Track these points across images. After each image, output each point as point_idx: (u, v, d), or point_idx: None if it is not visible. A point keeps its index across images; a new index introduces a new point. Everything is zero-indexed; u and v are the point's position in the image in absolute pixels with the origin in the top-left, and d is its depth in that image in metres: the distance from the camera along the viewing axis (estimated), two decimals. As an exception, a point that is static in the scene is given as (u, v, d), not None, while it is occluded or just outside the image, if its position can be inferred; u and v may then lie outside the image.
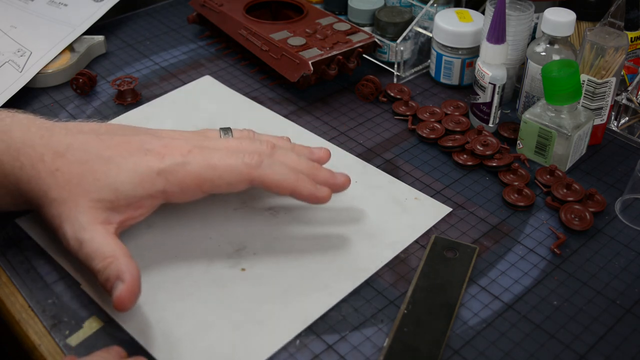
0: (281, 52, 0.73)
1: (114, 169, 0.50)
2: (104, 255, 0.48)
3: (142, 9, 0.93)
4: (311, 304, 0.51)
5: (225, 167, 0.51)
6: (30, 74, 0.74)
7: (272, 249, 0.56)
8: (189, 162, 0.51)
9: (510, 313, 0.51)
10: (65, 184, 0.50)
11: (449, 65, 0.75)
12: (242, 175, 0.52)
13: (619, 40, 0.63)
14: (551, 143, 0.64)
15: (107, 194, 0.50)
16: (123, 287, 0.47)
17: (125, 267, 0.47)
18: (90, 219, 0.49)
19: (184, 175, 0.51)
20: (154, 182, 0.50)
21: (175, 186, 0.51)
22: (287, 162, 0.54)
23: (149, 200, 0.51)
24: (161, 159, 0.51)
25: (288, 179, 0.53)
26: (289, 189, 0.53)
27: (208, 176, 0.51)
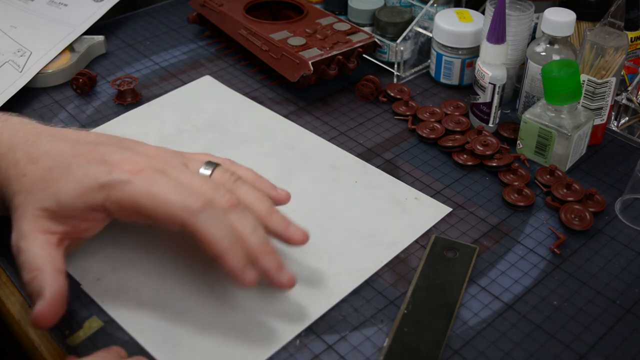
0: (281, 52, 0.73)
1: (63, 179, 0.49)
2: (32, 267, 0.46)
3: (142, 9, 0.93)
4: (311, 304, 0.51)
5: (163, 200, 0.46)
6: (30, 74, 0.74)
7: (272, 249, 0.56)
8: (132, 182, 0.47)
9: (510, 313, 0.51)
10: (24, 191, 0.49)
11: (449, 65, 0.75)
12: (176, 216, 0.46)
13: (619, 40, 0.63)
14: (551, 143, 0.64)
15: (51, 203, 0.48)
16: (41, 304, 0.45)
17: (48, 283, 0.45)
18: (32, 228, 0.48)
19: (122, 195, 0.47)
20: (94, 196, 0.48)
21: (113, 204, 0.48)
22: (236, 226, 0.47)
23: (92, 214, 0.49)
24: (108, 172, 0.48)
25: (221, 242, 0.46)
26: (216, 252, 0.46)
27: (143, 203, 0.47)
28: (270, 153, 0.66)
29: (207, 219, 0.46)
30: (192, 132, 0.69)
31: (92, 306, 0.51)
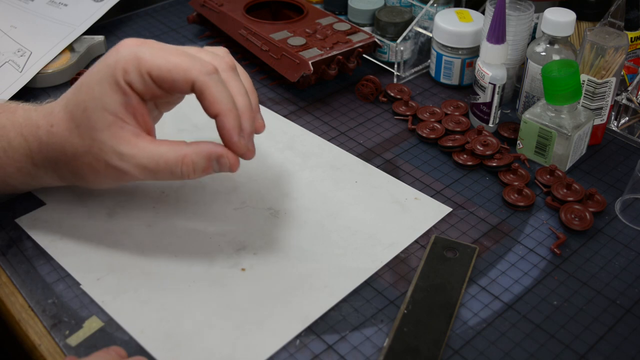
0: (281, 52, 0.73)
1: (87, 90, 0.50)
2: (176, 160, 0.49)
3: (142, 9, 0.93)
4: (311, 304, 0.51)
5: (176, 62, 0.49)
6: (30, 74, 0.74)
7: (272, 249, 0.56)
8: (140, 50, 0.50)
9: (510, 313, 0.51)
10: (68, 134, 0.50)
11: (449, 65, 0.75)
12: (189, 76, 0.49)
13: (619, 40, 0.63)
14: (551, 143, 0.64)
15: (105, 117, 0.49)
16: (227, 160, 0.50)
17: (205, 149, 0.49)
18: (126, 144, 0.49)
19: (136, 61, 0.50)
20: (115, 75, 0.50)
21: (132, 74, 0.50)
22: (232, 87, 0.52)
23: (130, 99, 0.50)
24: (116, 52, 0.50)
25: (223, 102, 0.50)
26: (218, 110, 0.50)
27: (158, 64, 0.49)
28: (270, 153, 0.66)
29: (214, 81, 0.50)
30: (192, 131, 0.69)
31: (92, 306, 0.51)
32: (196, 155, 0.49)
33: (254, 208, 0.60)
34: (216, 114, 0.50)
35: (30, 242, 0.56)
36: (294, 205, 0.60)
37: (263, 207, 0.60)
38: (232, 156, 0.50)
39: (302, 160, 0.66)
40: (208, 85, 0.49)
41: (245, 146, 0.51)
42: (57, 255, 0.55)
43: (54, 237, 0.56)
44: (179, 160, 0.49)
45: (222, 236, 0.57)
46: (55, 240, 0.56)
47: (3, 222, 0.58)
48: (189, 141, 0.51)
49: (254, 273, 0.54)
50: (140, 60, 0.49)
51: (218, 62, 0.52)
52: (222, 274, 0.54)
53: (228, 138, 0.50)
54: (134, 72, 0.49)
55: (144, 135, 0.50)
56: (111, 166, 0.50)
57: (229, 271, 0.54)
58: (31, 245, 0.56)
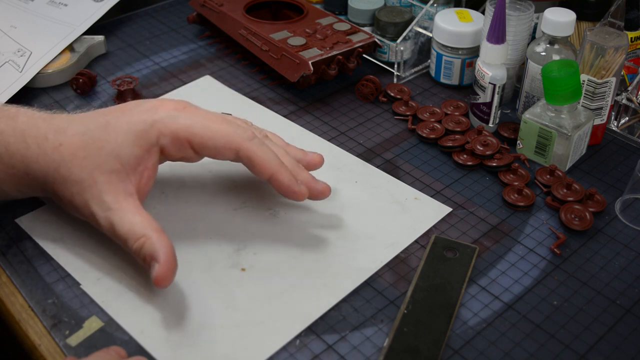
0: (281, 52, 0.73)
1: (112, 133, 0.51)
2: (136, 235, 0.49)
3: (142, 9, 0.93)
4: (311, 304, 0.51)
5: (217, 129, 0.52)
6: (30, 74, 0.74)
7: (272, 249, 0.56)
8: (182, 116, 0.52)
9: (510, 313, 0.51)
10: (72, 159, 0.51)
11: (449, 65, 0.75)
12: (232, 143, 0.52)
13: (619, 40, 0.63)
14: (551, 143, 0.64)
15: (114, 162, 0.50)
16: (158, 267, 0.48)
17: (158, 246, 0.48)
18: (114, 196, 0.50)
19: (176, 127, 0.51)
20: (148, 135, 0.51)
21: (167, 138, 0.51)
22: (274, 151, 0.54)
23: (149, 158, 0.52)
24: (155, 111, 0.52)
25: (272, 162, 0.53)
26: (270, 172, 0.53)
27: (198, 132, 0.51)
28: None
29: (257, 145, 0.52)
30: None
31: (92, 306, 0.51)
32: (151, 244, 0.49)
33: (254, 208, 0.60)
34: (270, 175, 0.53)
35: (30, 242, 0.56)
36: (294, 205, 0.60)
37: (263, 207, 0.60)
38: (162, 270, 0.48)
39: (302, 160, 0.66)
40: (254, 150, 0.52)
41: (309, 184, 0.54)
42: (57, 255, 0.55)
43: (54, 237, 0.56)
44: (138, 235, 0.49)
45: (222, 236, 0.57)
46: (55, 240, 0.56)
47: (3, 222, 0.58)
48: None
49: (254, 273, 0.54)
50: (181, 127, 0.51)
51: (254, 130, 0.55)
52: (222, 274, 0.54)
53: (290, 192, 0.53)
54: (170, 137, 0.51)
55: (134, 198, 0.51)
56: (87, 207, 0.51)
57: (229, 271, 0.54)
58: (31, 245, 0.56)
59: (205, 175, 0.63)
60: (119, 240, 0.50)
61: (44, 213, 0.58)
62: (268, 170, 0.53)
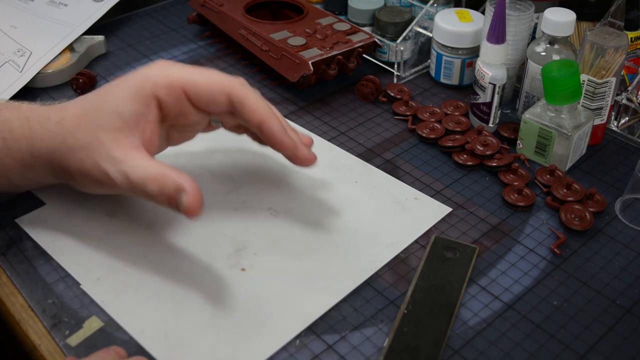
0: (281, 52, 0.73)
1: (110, 94, 0.52)
2: (153, 176, 0.49)
3: (142, 9, 0.93)
4: (311, 304, 0.51)
5: (211, 76, 0.52)
6: (30, 74, 0.74)
7: (273, 249, 0.56)
8: (175, 67, 0.52)
9: (510, 313, 0.51)
10: (75, 127, 0.51)
11: (449, 65, 0.75)
12: (224, 87, 0.52)
13: (619, 40, 0.63)
14: (551, 143, 0.64)
15: (116, 120, 0.50)
16: (187, 197, 0.48)
17: (179, 178, 0.48)
18: (122, 150, 0.50)
19: (170, 76, 0.51)
20: (144, 88, 0.51)
21: (162, 88, 0.51)
22: None
23: (149, 112, 0.51)
24: (148, 68, 0.52)
25: (264, 109, 0.52)
26: (261, 117, 0.52)
27: (192, 79, 0.51)
28: (270, 153, 0.66)
29: (250, 91, 0.52)
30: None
31: (92, 306, 0.51)
32: (169, 179, 0.48)
33: (254, 208, 0.60)
34: (260, 120, 0.52)
35: (30, 242, 0.56)
36: (294, 205, 0.60)
37: (263, 207, 0.60)
38: (193, 198, 0.48)
39: (302, 160, 0.66)
40: (246, 94, 0.51)
41: (298, 143, 0.53)
42: (57, 255, 0.55)
43: (54, 237, 0.56)
44: (154, 177, 0.49)
45: (223, 236, 0.57)
46: (55, 240, 0.56)
47: (3, 222, 0.58)
48: None
49: (254, 273, 0.54)
50: (174, 77, 0.51)
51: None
52: (222, 274, 0.54)
53: (278, 140, 0.52)
54: (165, 87, 0.51)
55: (141, 149, 0.51)
56: (98, 167, 0.50)
57: (229, 271, 0.54)
58: (31, 245, 0.56)
59: (205, 175, 0.63)
60: (137, 189, 0.50)
61: (44, 213, 0.58)
62: (259, 115, 0.52)
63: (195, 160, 0.65)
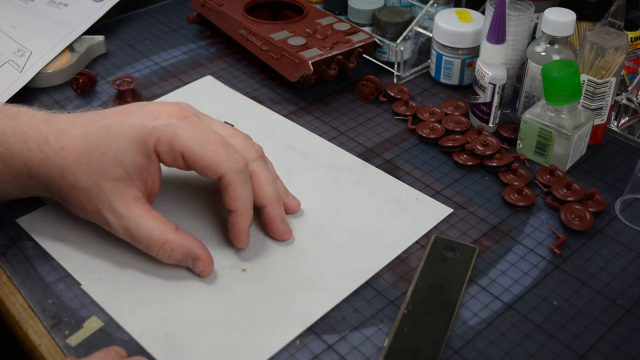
0: (281, 52, 0.73)
1: (113, 138, 0.51)
2: (158, 242, 0.51)
3: (142, 9, 0.93)
4: (311, 305, 0.51)
5: (211, 150, 0.51)
6: (30, 74, 0.74)
7: (273, 249, 0.56)
8: (182, 126, 0.51)
9: (510, 313, 0.51)
10: (76, 165, 0.51)
11: (449, 65, 0.75)
12: (219, 171, 0.52)
13: (619, 40, 0.63)
14: (551, 143, 0.64)
15: (118, 169, 0.51)
16: (202, 263, 0.52)
17: (188, 245, 0.52)
18: (124, 204, 0.51)
19: (173, 137, 0.51)
20: (147, 141, 0.51)
21: (164, 146, 0.51)
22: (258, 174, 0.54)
23: (151, 164, 0.52)
24: (155, 117, 0.51)
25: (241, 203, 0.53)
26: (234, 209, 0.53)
27: (193, 148, 0.51)
28: (270, 153, 0.66)
29: (241, 180, 0.52)
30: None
31: (92, 306, 0.51)
32: (177, 246, 0.52)
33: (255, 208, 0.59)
34: (233, 210, 0.53)
35: (31, 242, 0.56)
36: (294, 205, 0.60)
37: (263, 207, 0.60)
38: (208, 262, 0.52)
39: (302, 160, 0.66)
40: (235, 184, 0.52)
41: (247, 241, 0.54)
42: (58, 255, 0.55)
43: (55, 237, 0.56)
44: (159, 243, 0.51)
45: (223, 236, 0.57)
46: (55, 241, 0.56)
47: (3, 222, 0.58)
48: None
49: (255, 273, 0.54)
50: (177, 139, 0.51)
51: (249, 151, 0.55)
52: (223, 274, 0.54)
53: (237, 235, 0.54)
54: (167, 147, 0.51)
55: (143, 201, 0.52)
56: (100, 214, 0.51)
57: (230, 271, 0.54)
58: (31, 245, 0.56)
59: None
60: (140, 246, 0.52)
61: (44, 213, 0.58)
62: (235, 205, 0.53)
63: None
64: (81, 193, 0.51)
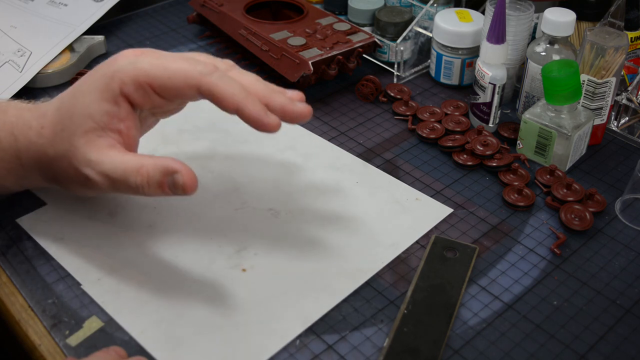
0: (281, 52, 0.73)
1: (79, 96, 0.50)
2: (133, 168, 0.48)
3: (142, 9, 0.93)
4: (312, 305, 0.51)
5: (176, 68, 0.49)
6: (30, 74, 0.74)
7: (273, 249, 0.56)
8: (140, 61, 0.50)
9: (510, 313, 0.51)
10: (53, 137, 0.51)
11: (449, 65, 0.75)
12: (191, 79, 0.49)
13: (619, 40, 0.63)
14: (551, 143, 0.64)
15: (87, 122, 0.50)
16: (181, 175, 0.47)
17: (164, 161, 0.47)
18: (97, 152, 0.49)
19: (135, 72, 0.49)
20: (111, 86, 0.49)
21: (129, 86, 0.49)
22: (241, 81, 0.50)
23: (120, 109, 0.50)
24: (114, 62, 0.50)
25: (236, 95, 0.48)
26: (235, 104, 0.48)
27: (157, 74, 0.49)
28: (271, 153, 0.66)
29: (219, 78, 0.48)
30: (193, 131, 0.69)
31: (92, 306, 0.51)
32: (153, 167, 0.48)
33: (255, 208, 0.60)
34: (235, 108, 0.48)
35: (31, 242, 0.56)
36: (295, 205, 0.60)
37: (264, 207, 0.60)
38: (187, 175, 0.47)
39: (302, 160, 0.66)
40: (214, 84, 0.48)
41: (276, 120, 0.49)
42: (58, 256, 0.55)
43: (55, 237, 0.56)
44: (135, 169, 0.48)
45: (223, 236, 0.57)
46: (55, 240, 0.56)
47: (3, 222, 0.58)
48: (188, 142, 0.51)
49: (255, 273, 0.54)
50: (139, 72, 0.49)
51: (218, 63, 0.52)
52: (223, 274, 0.54)
53: (260, 124, 0.48)
54: (132, 84, 0.49)
55: (118, 147, 0.50)
56: (80, 172, 0.50)
57: (230, 271, 0.54)
58: (31, 245, 0.56)
59: (206, 175, 0.63)
60: (121, 186, 0.49)
61: (44, 213, 0.58)
62: (232, 102, 0.48)
63: (196, 161, 0.65)
64: (61, 160, 0.50)
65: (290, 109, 0.50)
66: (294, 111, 0.51)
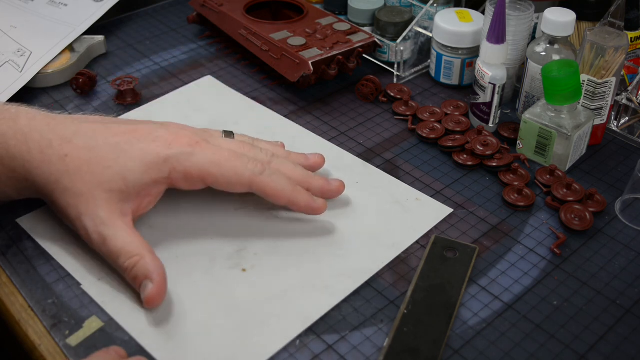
0: (281, 52, 0.73)
1: (122, 156, 0.51)
2: (130, 253, 0.50)
3: (142, 9, 0.93)
4: (312, 305, 0.51)
5: (229, 167, 0.53)
6: (30, 74, 0.74)
7: (273, 249, 0.56)
8: (195, 153, 0.53)
9: (510, 313, 0.51)
10: (76, 172, 0.51)
11: (449, 65, 0.75)
12: (244, 180, 0.53)
13: (619, 40, 0.63)
14: (551, 143, 0.64)
15: (118, 183, 0.51)
16: (152, 287, 0.49)
17: (152, 267, 0.49)
18: (109, 213, 0.50)
19: (189, 165, 0.52)
20: (160, 169, 0.52)
21: (179, 174, 0.52)
22: (284, 172, 0.56)
23: (155, 188, 0.53)
24: (168, 146, 0.52)
25: (286, 190, 0.54)
26: (286, 199, 0.55)
27: (212, 171, 0.53)
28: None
29: (266, 177, 0.54)
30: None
31: (92, 306, 0.51)
32: (142, 264, 0.49)
33: (255, 209, 0.60)
34: (286, 202, 0.55)
35: (31, 242, 0.56)
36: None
37: (264, 207, 0.60)
38: (153, 291, 0.49)
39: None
40: (266, 183, 0.54)
41: (323, 203, 0.56)
42: (58, 256, 0.55)
43: (55, 237, 0.56)
44: (130, 254, 0.50)
45: (223, 236, 0.57)
46: (55, 240, 0.56)
47: (3, 222, 0.58)
48: None
49: (255, 273, 0.54)
50: (193, 167, 0.52)
51: (264, 156, 0.56)
52: (223, 274, 0.54)
53: (310, 210, 0.56)
54: (183, 174, 0.52)
55: (128, 219, 0.52)
56: (80, 219, 0.51)
57: (230, 271, 0.54)
58: (31, 245, 0.56)
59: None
60: (109, 255, 0.51)
61: (44, 213, 0.58)
62: (283, 198, 0.54)
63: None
64: (72, 198, 0.51)
65: (327, 189, 0.58)
66: (331, 190, 0.58)
